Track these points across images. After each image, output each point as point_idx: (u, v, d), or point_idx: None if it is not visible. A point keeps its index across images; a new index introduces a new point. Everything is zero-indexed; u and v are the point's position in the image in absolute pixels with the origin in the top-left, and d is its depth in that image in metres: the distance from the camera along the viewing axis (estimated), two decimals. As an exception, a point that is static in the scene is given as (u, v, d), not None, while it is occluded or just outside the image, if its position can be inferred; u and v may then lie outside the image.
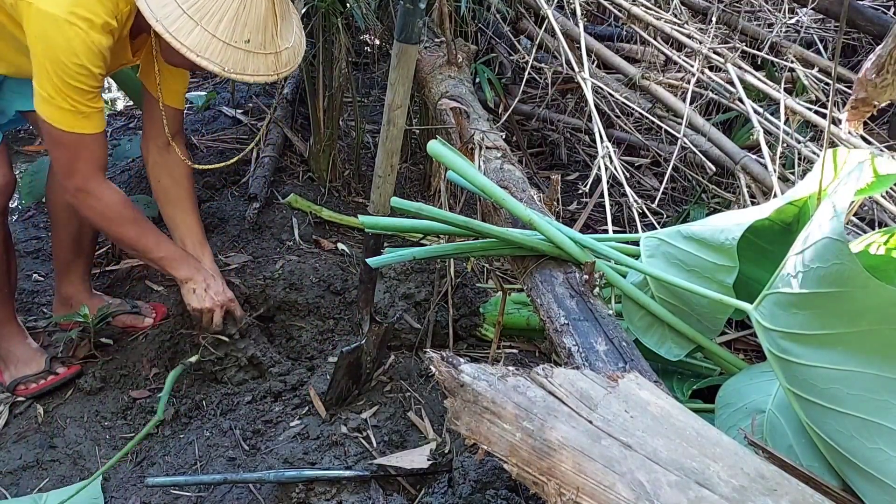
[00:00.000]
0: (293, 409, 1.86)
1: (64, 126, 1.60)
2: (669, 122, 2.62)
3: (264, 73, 1.63)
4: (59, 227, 2.05)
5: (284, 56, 1.67)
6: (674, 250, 1.51)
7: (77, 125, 1.61)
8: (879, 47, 1.12)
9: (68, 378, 1.95)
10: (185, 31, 1.54)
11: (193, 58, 1.55)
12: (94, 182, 1.69)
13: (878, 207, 2.03)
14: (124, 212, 1.75)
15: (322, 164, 2.93)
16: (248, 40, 1.59)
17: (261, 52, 1.62)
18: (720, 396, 1.40)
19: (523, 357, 2.17)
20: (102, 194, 1.71)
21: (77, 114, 1.60)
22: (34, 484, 1.71)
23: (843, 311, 1.03)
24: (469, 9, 2.79)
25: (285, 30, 1.68)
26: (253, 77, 1.62)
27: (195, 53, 1.54)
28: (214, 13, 1.56)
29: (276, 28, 1.64)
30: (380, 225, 1.55)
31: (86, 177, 1.68)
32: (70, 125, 1.61)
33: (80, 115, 1.61)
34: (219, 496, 1.64)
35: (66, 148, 1.64)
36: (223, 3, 1.57)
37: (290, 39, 1.70)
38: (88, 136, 1.64)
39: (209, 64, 1.56)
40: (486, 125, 2.01)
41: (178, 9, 1.54)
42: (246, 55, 1.60)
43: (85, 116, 1.62)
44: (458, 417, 1.01)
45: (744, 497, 0.86)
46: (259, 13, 1.60)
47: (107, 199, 1.72)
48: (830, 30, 3.15)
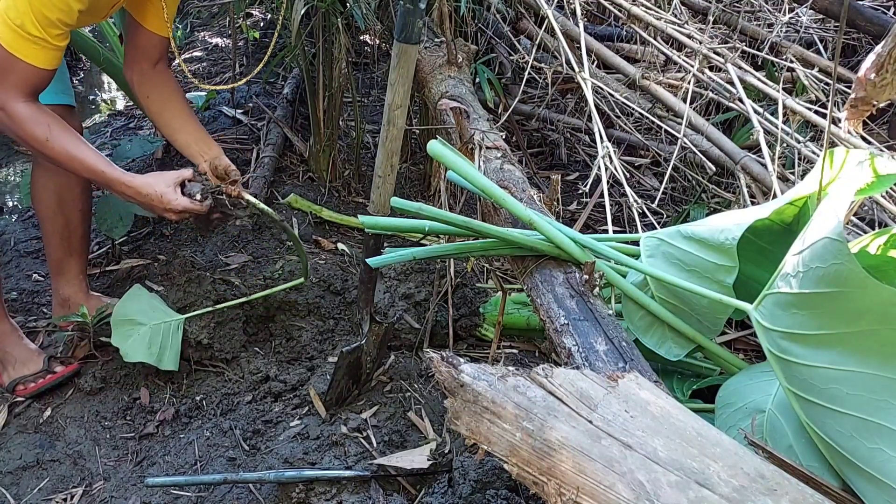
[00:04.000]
0: (293, 409, 1.86)
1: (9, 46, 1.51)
2: (669, 122, 2.62)
3: None
4: (47, 226, 2.04)
5: None
6: (674, 250, 1.51)
7: (24, 51, 1.53)
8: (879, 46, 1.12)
9: (67, 377, 1.95)
10: None
11: None
12: (12, 101, 1.56)
13: (878, 207, 2.03)
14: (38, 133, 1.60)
15: (322, 164, 2.93)
16: None
17: None
18: (720, 396, 1.40)
19: (523, 357, 2.17)
20: (17, 112, 1.58)
21: (28, 39, 1.52)
22: (34, 484, 1.71)
23: (842, 311, 1.03)
24: (469, 9, 2.79)
25: None
26: None
27: None
28: None
29: None
30: (380, 225, 1.55)
31: (6, 94, 1.56)
32: (16, 48, 1.52)
33: (34, 45, 1.53)
34: (219, 496, 1.64)
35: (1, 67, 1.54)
36: None
37: None
38: (32, 66, 1.55)
39: None
40: (486, 125, 2.01)
41: None
42: None
43: (39, 48, 1.54)
44: (458, 417, 1.01)
45: (744, 497, 0.86)
46: None
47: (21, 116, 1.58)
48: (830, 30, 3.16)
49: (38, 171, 2.00)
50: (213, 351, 2.02)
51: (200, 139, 1.96)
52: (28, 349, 1.98)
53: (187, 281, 2.12)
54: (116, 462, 1.78)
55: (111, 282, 2.38)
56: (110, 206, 2.31)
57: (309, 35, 2.64)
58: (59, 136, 1.63)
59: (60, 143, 1.64)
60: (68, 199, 2.02)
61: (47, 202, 1.99)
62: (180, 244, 2.54)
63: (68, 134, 1.66)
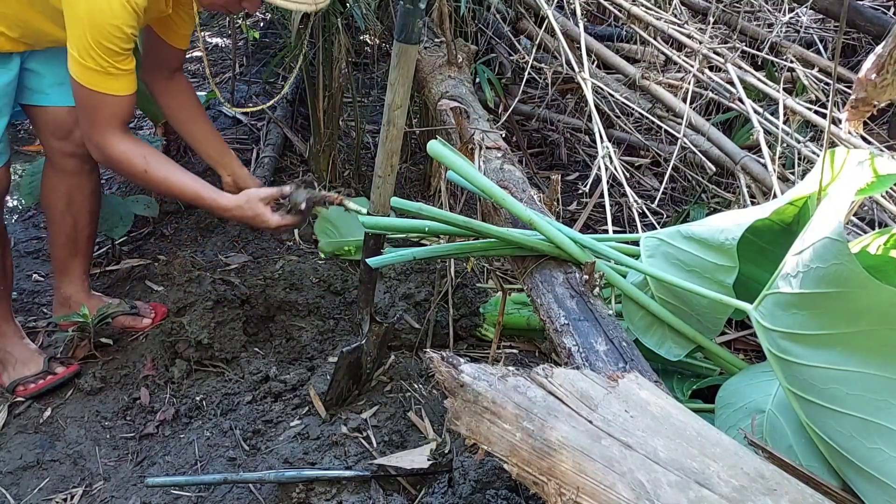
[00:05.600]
0: (293, 409, 1.86)
1: (92, 85, 1.63)
2: (669, 122, 2.62)
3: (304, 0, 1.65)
4: (55, 226, 2.05)
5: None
6: (674, 250, 1.51)
7: (103, 85, 1.64)
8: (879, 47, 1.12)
9: (67, 378, 1.95)
10: None
11: None
12: (109, 137, 1.69)
13: (878, 207, 2.03)
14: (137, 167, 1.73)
15: (322, 164, 2.93)
16: None
17: None
18: (720, 396, 1.40)
19: (523, 357, 2.17)
20: (116, 149, 1.70)
21: (105, 74, 1.62)
22: (34, 484, 1.71)
23: (842, 312, 1.03)
24: (469, 9, 2.79)
25: None
26: (296, 4, 1.65)
27: None
28: None
29: None
30: (380, 225, 1.55)
31: (103, 134, 1.69)
32: (97, 84, 1.63)
33: (108, 76, 1.63)
34: (219, 496, 1.64)
35: (91, 105, 1.66)
36: None
37: None
38: (113, 96, 1.66)
39: None
40: (486, 125, 2.01)
41: None
42: None
43: (113, 77, 1.64)
44: (458, 417, 1.01)
45: (744, 497, 0.86)
46: None
47: (120, 154, 1.71)
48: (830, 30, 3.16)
49: (50, 172, 2.01)
50: (213, 351, 2.02)
51: (219, 150, 2.07)
52: (29, 350, 1.98)
53: (187, 281, 2.12)
54: (116, 462, 1.78)
55: (111, 282, 2.39)
56: (111, 206, 2.31)
57: (309, 35, 2.64)
58: (157, 167, 1.76)
59: (159, 173, 1.77)
60: (78, 200, 2.03)
61: (57, 203, 2.01)
62: (180, 244, 2.54)
63: (165, 162, 1.80)
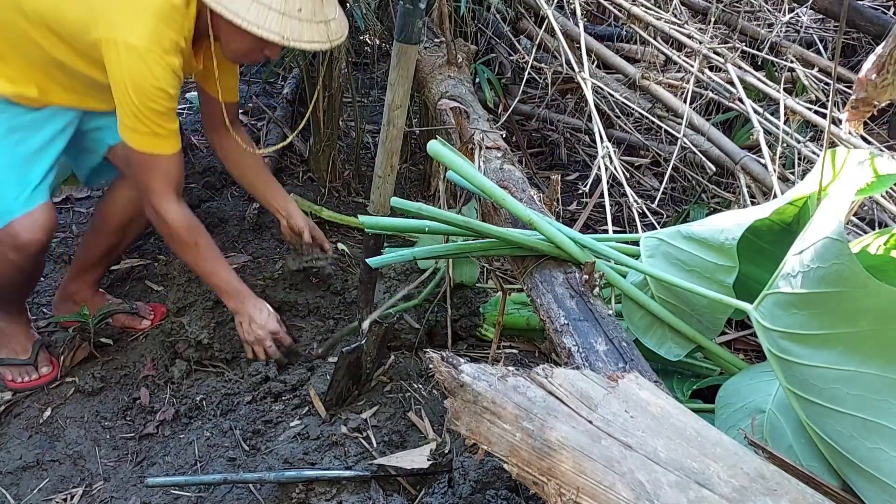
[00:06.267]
0: (293, 409, 1.86)
1: (143, 148, 1.70)
2: (669, 122, 2.62)
3: (318, 40, 1.69)
4: (99, 237, 2.10)
5: (334, 26, 1.74)
6: (674, 250, 1.51)
7: (153, 146, 1.70)
8: (879, 47, 1.12)
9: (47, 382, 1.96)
10: (244, 8, 1.62)
11: (255, 30, 1.62)
12: (165, 202, 1.77)
13: (878, 207, 2.03)
14: (190, 238, 1.83)
15: (322, 164, 2.93)
16: (300, 9, 1.66)
17: (313, 20, 1.69)
18: (720, 396, 1.40)
19: (523, 357, 2.17)
20: (172, 219, 1.78)
21: (153, 135, 1.69)
22: (34, 484, 1.71)
23: (842, 311, 1.03)
24: (469, 9, 2.79)
25: (328, 4, 1.75)
26: (310, 44, 1.69)
27: (256, 26, 1.62)
28: None
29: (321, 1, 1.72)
30: (380, 225, 1.55)
31: (159, 196, 1.76)
32: (147, 147, 1.70)
33: (157, 137, 1.70)
34: (219, 496, 1.64)
35: (144, 168, 1.74)
36: None
37: (335, 13, 1.77)
38: (164, 156, 1.73)
39: (270, 34, 1.63)
40: (486, 125, 2.01)
41: None
42: (301, 23, 1.67)
43: (162, 138, 1.71)
44: (458, 417, 1.01)
45: (744, 497, 0.86)
46: None
47: (170, 222, 1.79)
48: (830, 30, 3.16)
49: (121, 189, 2.05)
50: (213, 351, 2.02)
51: (280, 197, 2.17)
52: (25, 332, 1.99)
53: (187, 281, 2.12)
54: (116, 462, 1.77)
55: (111, 282, 2.38)
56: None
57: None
58: (207, 245, 1.87)
59: (208, 252, 1.87)
60: (134, 227, 2.11)
61: (112, 220, 2.06)
62: (180, 244, 2.54)
63: (213, 244, 1.89)
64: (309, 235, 2.16)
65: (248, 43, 1.72)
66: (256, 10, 1.62)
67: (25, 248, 1.74)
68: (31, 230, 1.73)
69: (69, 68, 1.73)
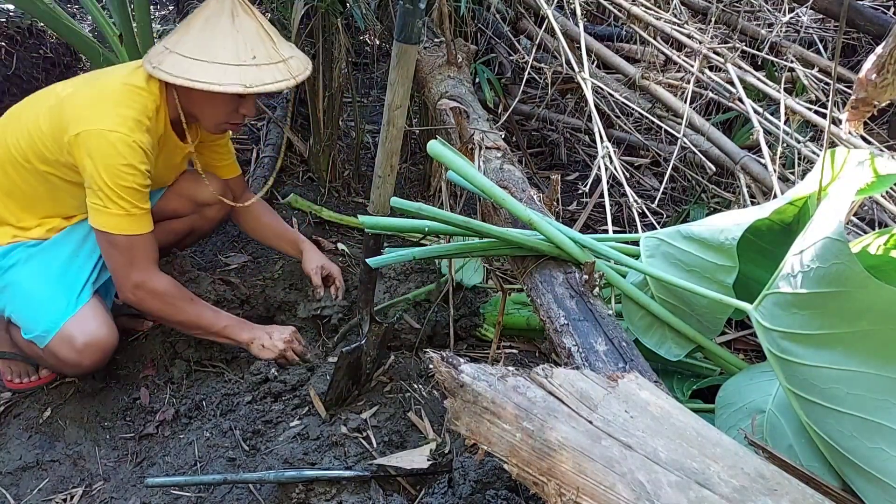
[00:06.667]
0: (293, 409, 1.86)
1: (120, 230, 1.71)
2: (669, 122, 2.62)
3: (282, 79, 1.75)
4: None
5: (293, 63, 1.80)
6: (674, 250, 1.51)
7: (130, 227, 1.72)
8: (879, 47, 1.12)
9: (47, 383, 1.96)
10: (200, 73, 1.68)
11: (217, 88, 1.68)
12: (150, 277, 1.78)
13: (878, 207, 2.03)
14: (179, 296, 1.83)
15: (322, 164, 2.93)
16: (254, 56, 1.73)
17: (270, 62, 1.75)
18: (720, 396, 1.40)
19: (523, 357, 2.17)
20: (159, 286, 1.79)
21: (128, 216, 1.71)
22: (34, 484, 1.71)
23: (842, 311, 1.03)
24: (469, 9, 2.79)
25: (282, 45, 1.82)
26: (274, 84, 1.74)
27: (217, 84, 1.68)
28: (216, 47, 1.71)
29: (273, 43, 1.78)
30: (380, 225, 1.55)
31: (144, 271, 1.76)
32: (124, 228, 1.71)
33: (132, 217, 1.71)
34: (219, 496, 1.64)
35: (122, 250, 1.74)
36: (220, 36, 1.71)
37: (291, 52, 1.84)
38: (141, 236, 1.74)
39: (231, 87, 1.68)
40: (486, 125, 2.01)
41: (186, 59, 1.70)
42: (259, 69, 1.73)
43: (136, 218, 1.72)
44: (458, 418, 1.01)
45: (744, 497, 0.86)
46: (253, 31, 1.74)
47: (163, 289, 1.79)
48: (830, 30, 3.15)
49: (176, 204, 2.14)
50: (213, 351, 2.02)
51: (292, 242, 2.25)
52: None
53: (187, 281, 2.12)
54: (116, 462, 1.77)
55: (111, 282, 2.38)
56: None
57: (309, 35, 2.64)
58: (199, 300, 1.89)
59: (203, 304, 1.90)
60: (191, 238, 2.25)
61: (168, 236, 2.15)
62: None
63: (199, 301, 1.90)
64: (318, 279, 2.16)
65: (219, 107, 1.79)
66: (213, 71, 1.68)
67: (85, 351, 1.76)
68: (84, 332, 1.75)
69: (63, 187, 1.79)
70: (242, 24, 1.73)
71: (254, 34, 1.74)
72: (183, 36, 1.73)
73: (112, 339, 1.81)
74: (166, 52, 1.72)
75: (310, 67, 1.85)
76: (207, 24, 1.73)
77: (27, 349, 1.87)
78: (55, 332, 1.75)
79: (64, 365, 1.80)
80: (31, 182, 1.80)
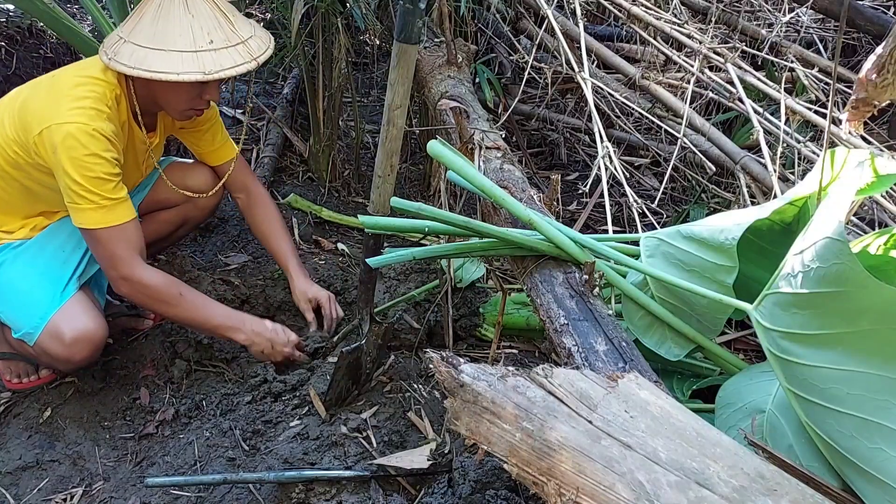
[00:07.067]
0: (293, 409, 1.86)
1: (96, 224, 1.68)
2: (669, 122, 2.62)
3: (242, 62, 1.71)
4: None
5: (253, 44, 1.75)
6: (674, 250, 1.51)
7: (105, 220, 1.68)
8: (880, 47, 1.12)
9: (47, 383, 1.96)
10: (156, 63, 1.65)
11: (175, 77, 1.64)
12: (136, 269, 1.73)
13: (878, 207, 2.03)
14: (173, 290, 1.78)
15: (322, 164, 2.93)
16: (211, 41, 1.69)
17: (228, 45, 1.71)
18: (720, 396, 1.40)
19: (523, 357, 2.17)
20: (149, 279, 1.75)
21: (101, 209, 1.67)
22: (34, 484, 1.71)
23: (843, 311, 1.03)
24: (469, 9, 2.79)
25: (241, 24, 1.77)
26: (234, 69, 1.70)
27: (175, 73, 1.64)
28: (171, 34, 1.66)
29: (231, 24, 1.73)
30: (380, 225, 1.55)
31: (128, 264, 1.72)
32: (100, 222, 1.68)
33: (105, 210, 1.67)
34: (219, 496, 1.64)
35: (104, 244, 1.70)
36: (174, 22, 1.67)
37: (252, 31, 1.78)
38: (118, 226, 1.70)
39: (190, 75, 1.65)
40: (486, 125, 2.01)
41: (142, 49, 1.66)
42: (217, 53, 1.68)
43: (110, 209, 1.68)
44: (457, 417, 1.01)
45: (744, 497, 0.86)
46: (207, 14, 1.70)
47: (154, 282, 1.75)
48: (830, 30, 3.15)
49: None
50: (213, 351, 2.02)
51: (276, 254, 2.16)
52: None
53: (187, 281, 2.12)
54: (116, 462, 1.77)
55: (111, 282, 2.38)
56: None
57: (309, 35, 2.64)
58: (189, 291, 1.83)
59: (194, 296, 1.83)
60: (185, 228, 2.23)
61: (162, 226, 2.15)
62: (180, 244, 2.54)
63: (194, 289, 1.85)
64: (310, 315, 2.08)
65: (181, 94, 1.75)
66: (170, 59, 1.65)
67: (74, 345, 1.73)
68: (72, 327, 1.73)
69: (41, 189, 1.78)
70: (196, 6, 1.69)
71: (209, 17, 1.70)
72: (137, 23, 1.69)
73: (101, 332, 1.78)
74: (121, 42, 1.68)
75: (272, 45, 1.80)
76: (161, 10, 1.68)
77: (19, 348, 1.87)
78: (42, 327, 1.73)
79: (55, 361, 1.78)
80: (8, 190, 1.79)
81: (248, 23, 1.81)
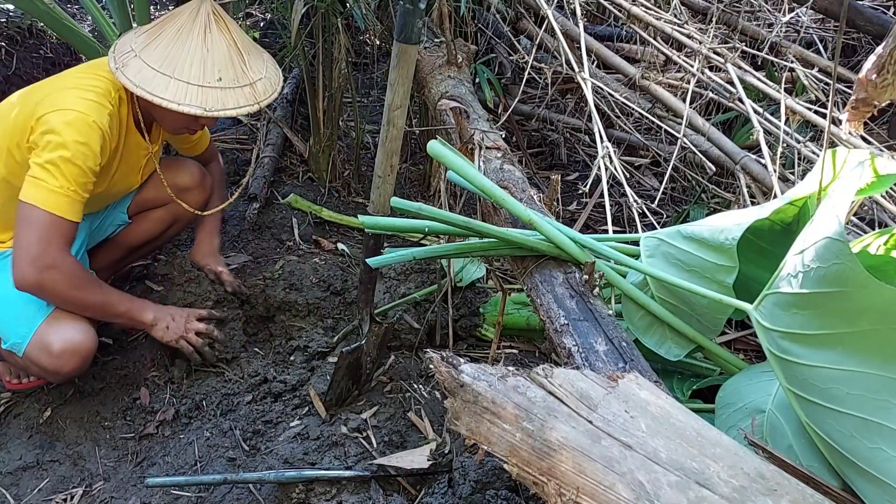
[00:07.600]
0: (293, 409, 1.86)
1: (48, 207, 1.62)
2: (669, 122, 2.62)
3: (245, 104, 1.74)
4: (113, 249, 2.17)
5: (260, 86, 1.79)
6: (674, 250, 1.51)
7: (60, 207, 1.64)
8: (880, 47, 1.12)
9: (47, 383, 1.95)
10: (161, 88, 1.67)
11: (175, 107, 1.67)
12: (62, 256, 1.67)
13: (878, 207, 2.03)
14: (85, 277, 1.74)
15: (322, 164, 2.93)
16: (220, 78, 1.71)
17: (235, 86, 1.74)
18: (720, 396, 1.40)
19: (523, 357, 2.17)
20: (68, 266, 1.69)
21: (65, 196, 1.64)
22: (34, 484, 1.71)
23: (843, 311, 1.03)
24: (469, 9, 2.79)
25: (254, 63, 1.80)
26: (235, 110, 1.73)
27: (176, 103, 1.67)
28: (182, 62, 1.69)
29: (243, 62, 1.77)
30: (380, 225, 1.55)
31: (58, 249, 1.66)
32: (53, 206, 1.63)
33: (67, 199, 1.64)
34: (219, 496, 1.64)
35: (44, 227, 1.64)
36: (188, 51, 1.69)
37: (263, 71, 1.82)
38: (67, 221, 1.66)
39: (190, 108, 1.68)
40: (486, 125, 2.01)
41: (150, 69, 1.68)
42: (222, 92, 1.72)
43: (71, 201, 1.65)
44: (458, 418, 1.01)
45: (744, 497, 0.86)
46: (223, 51, 1.73)
47: (71, 268, 1.70)
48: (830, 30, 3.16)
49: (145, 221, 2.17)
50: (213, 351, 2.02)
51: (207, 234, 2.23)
52: None
53: (187, 281, 2.12)
54: (116, 462, 1.77)
55: (112, 282, 2.38)
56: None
57: (309, 35, 2.64)
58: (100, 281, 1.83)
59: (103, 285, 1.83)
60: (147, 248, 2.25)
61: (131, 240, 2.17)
62: (180, 244, 2.54)
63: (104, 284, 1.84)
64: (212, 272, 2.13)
65: (178, 119, 1.78)
66: (175, 88, 1.67)
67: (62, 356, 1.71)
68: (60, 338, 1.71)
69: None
70: (214, 41, 1.72)
71: (224, 53, 1.72)
72: (152, 41, 1.71)
73: (90, 343, 1.75)
74: (131, 55, 1.71)
75: (279, 88, 1.84)
76: (179, 35, 1.71)
77: (10, 359, 1.84)
78: (29, 338, 1.70)
79: (44, 372, 1.75)
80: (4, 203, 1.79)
81: (263, 60, 1.84)
